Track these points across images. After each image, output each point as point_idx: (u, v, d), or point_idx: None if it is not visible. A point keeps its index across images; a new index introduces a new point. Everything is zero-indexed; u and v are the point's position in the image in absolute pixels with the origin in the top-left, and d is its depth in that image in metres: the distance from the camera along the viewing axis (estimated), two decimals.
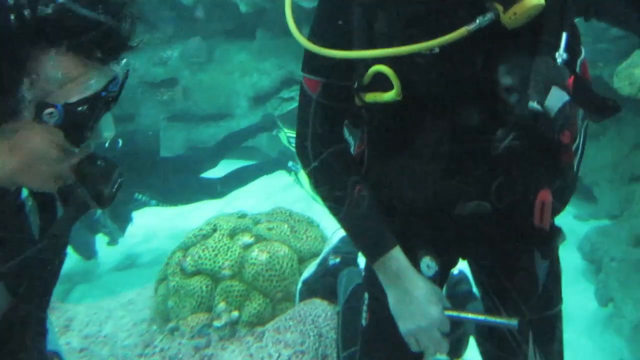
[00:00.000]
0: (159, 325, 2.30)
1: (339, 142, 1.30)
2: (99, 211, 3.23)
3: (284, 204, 2.98)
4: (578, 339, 2.88)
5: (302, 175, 3.92)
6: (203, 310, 2.17)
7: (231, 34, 5.19)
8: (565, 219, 1.32)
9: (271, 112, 4.73)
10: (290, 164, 4.06)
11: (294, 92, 4.77)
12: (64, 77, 0.84)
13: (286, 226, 2.40)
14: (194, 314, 2.16)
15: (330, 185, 1.30)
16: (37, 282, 0.98)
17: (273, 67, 4.96)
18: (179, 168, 3.63)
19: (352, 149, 1.35)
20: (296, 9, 1.22)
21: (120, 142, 3.24)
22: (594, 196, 3.90)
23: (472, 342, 1.75)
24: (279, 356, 2.03)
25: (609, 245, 3.47)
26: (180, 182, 3.56)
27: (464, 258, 1.45)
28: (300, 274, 2.25)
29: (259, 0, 4.76)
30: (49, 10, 0.81)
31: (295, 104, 4.81)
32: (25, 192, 1.00)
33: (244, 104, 5.01)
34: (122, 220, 3.47)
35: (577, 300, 2.98)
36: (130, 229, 3.60)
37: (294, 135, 1.35)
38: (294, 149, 4.60)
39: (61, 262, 1.04)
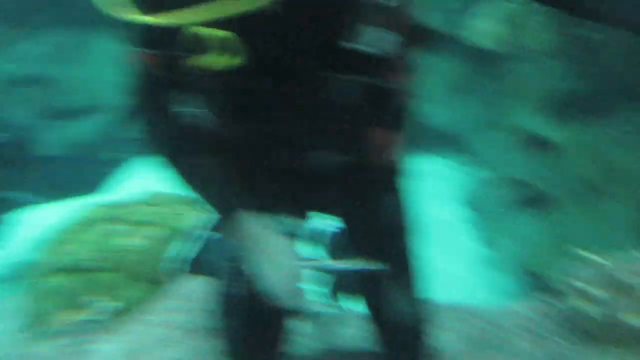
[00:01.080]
0: (31, 330, 2.15)
1: (179, 115, 1.24)
2: None
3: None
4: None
5: None
6: (76, 307, 2.06)
7: None
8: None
9: None
10: None
11: None
12: None
13: (161, 208, 2.32)
14: (66, 311, 2.05)
15: (177, 155, 1.26)
16: None
17: None
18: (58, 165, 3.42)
19: (196, 118, 1.31)
20: None
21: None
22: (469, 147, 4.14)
23: None
24: (166, 337, 1.97)
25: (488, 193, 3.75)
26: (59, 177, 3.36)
27: (314, 211, 1.47)
28: (176, 253, 2.20)
29: None
30: None
31: None
32: None
33: None
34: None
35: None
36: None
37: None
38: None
39: None
